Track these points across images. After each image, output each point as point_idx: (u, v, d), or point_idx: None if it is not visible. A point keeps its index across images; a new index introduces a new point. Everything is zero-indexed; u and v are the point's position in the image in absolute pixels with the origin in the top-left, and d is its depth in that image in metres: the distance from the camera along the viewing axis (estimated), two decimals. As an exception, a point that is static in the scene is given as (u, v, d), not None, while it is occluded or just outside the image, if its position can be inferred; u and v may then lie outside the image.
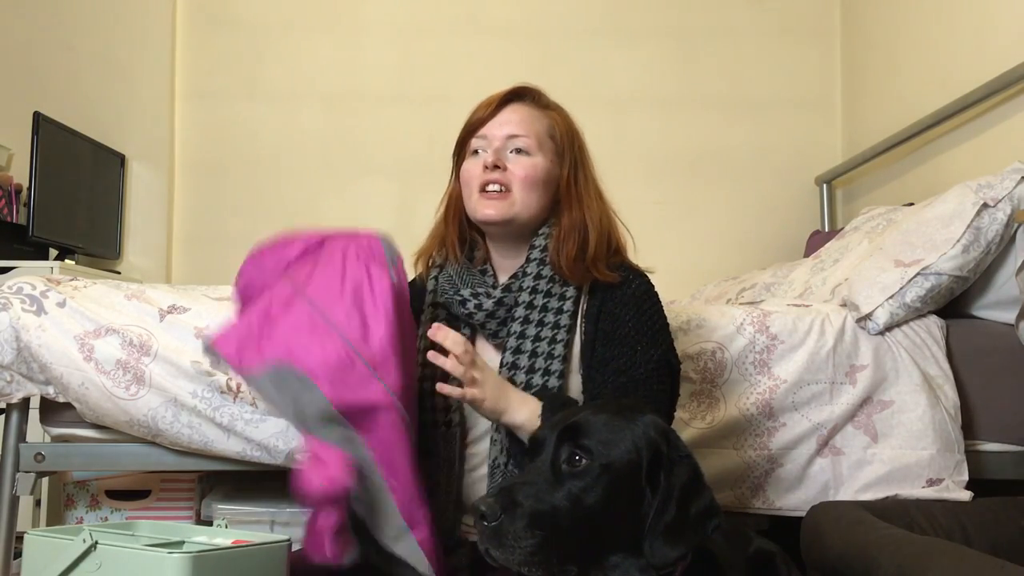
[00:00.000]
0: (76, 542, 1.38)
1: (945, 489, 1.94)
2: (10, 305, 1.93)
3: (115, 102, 3.77)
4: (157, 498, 2.48)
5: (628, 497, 1.21)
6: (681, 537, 1.19)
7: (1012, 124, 2.58)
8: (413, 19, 3.91)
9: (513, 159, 1.64)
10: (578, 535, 1.18)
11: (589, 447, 1.21)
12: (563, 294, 1.61)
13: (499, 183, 1.63)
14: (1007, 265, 2.12)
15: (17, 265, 3.08)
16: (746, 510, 1.99)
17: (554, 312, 1.59)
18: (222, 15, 3.90)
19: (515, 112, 1.67)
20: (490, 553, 1.18)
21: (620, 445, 1.21)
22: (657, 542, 1.18)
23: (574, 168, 1.68)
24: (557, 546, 1.16)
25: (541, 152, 1.65)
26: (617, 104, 3.82)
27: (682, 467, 1.24)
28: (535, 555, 1.15)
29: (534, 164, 1.64)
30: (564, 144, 1.68)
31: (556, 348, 1.56)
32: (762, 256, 3.66)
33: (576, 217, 1.64)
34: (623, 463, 1.21)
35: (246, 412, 1.92)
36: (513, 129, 1.65)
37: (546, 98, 1.73)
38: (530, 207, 1.64)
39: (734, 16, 3.90)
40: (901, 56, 3.29)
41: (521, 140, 1.65)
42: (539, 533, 1.15)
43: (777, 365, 2.01)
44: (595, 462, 1.20)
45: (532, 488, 1.18)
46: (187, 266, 3.83)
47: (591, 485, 1.19)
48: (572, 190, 1.66)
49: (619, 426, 1.24)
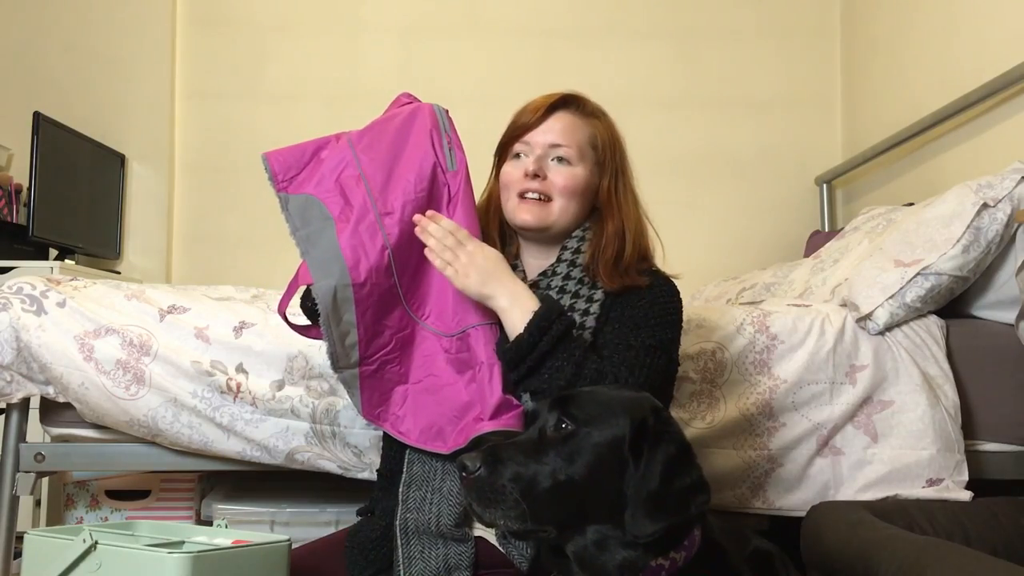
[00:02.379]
0: (76, 542, 1.38)
1: (945, 489, 1.94)
2: (10, 305, 1.93)
3: (115, 102, 3.77)
4: (157, 498, 2.48)
5: (610, 466, 1.24)
6: (662, 510, 1.21)
7: (1012, 124, 2.58)
8: (413, 19, 3.91)
9: (554, 168, 1.65)
10: (558, 498, 1.22)
11: (574, 414, 1.26)
12: (591, 296, 1.61)
13: (539, 191, 1.65)
14: (1007, 265, 2.12)
15: (17, 265, 3.08)
16: (746, 510, 1.99)
17: (580, 313, 1.59)
18: (222, 15, 3.90)
19: (559, 120, 1.68)
20: (474, 508, 1.24)
21: (606, 415, 1.26)
22: (639, 512, 1.21)
23: (615, 177, 1.69)
24: (537, 506, 1.21)
25: (583, 162, 1.66)
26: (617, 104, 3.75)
27: (669, 442, 1.26)
28: (513, 511, 1.21)
29: (574, 174, 1.65)
30: (606, 154, 1.69)
31: None
32: (762, 256, 3.66)
33: (617, 226, 1.65)
34: (606, 432, 1.25)
35: (246, 412, 1.92)
36: (556, 138, 1.66)
37: (591, 105, 1.73)
38: (567, 216, 1.66)
39: (734, 16, 3.91)
40: (901, 56, 3.29)
41: (563, 150, 1.65)
42: (519, 491, 1.21)
43: (777, 365, 2.01)
44: (579, 428, 1.25)
45: (517, 449, 1.25)
46: (187, 266, 3.83)
47: (574, 451, 1.24)
48: (613, 199, 1.68)
49: (608, 399, 1.29)
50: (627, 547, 1.22)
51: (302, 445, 1.93)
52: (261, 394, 1.92)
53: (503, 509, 1.21)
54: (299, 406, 1.93)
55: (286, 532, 1.91)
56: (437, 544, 1.50)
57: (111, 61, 3.78)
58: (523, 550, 1.47)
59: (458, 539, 1.51)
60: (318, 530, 2.08)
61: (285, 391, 1.93)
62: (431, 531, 1.50)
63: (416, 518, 1.51)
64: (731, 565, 1.36)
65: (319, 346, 1.95)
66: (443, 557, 1.49)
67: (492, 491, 1.21)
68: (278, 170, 1.57)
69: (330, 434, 1.93)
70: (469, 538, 1.52)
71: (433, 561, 1.49)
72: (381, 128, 1.65)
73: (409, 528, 1.51)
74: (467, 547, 1.51)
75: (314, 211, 1.54)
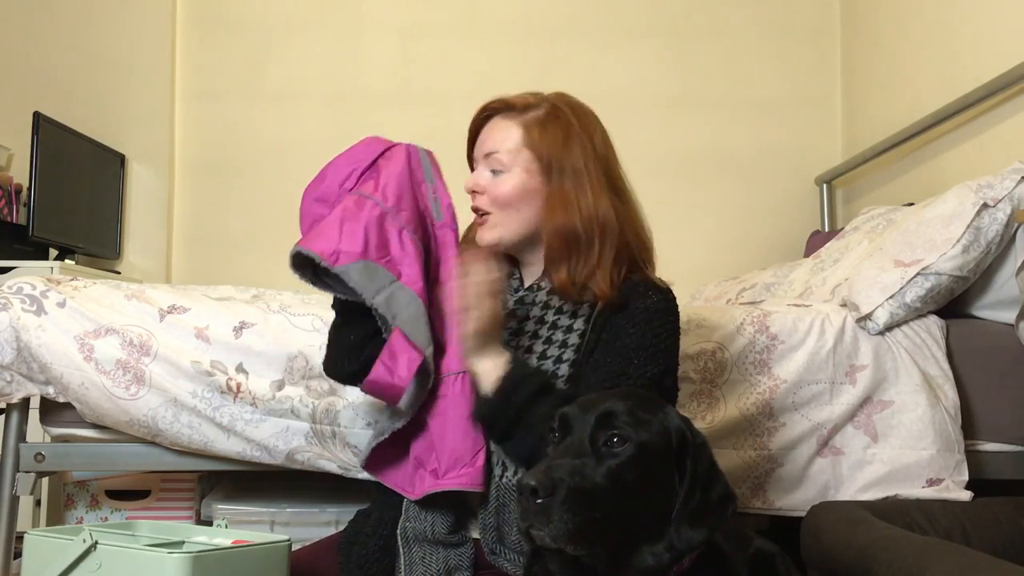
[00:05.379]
0: (76, 542, 1.38)
1: (945, 489, 1.94)
2: (10, 305, 1.93)
3: (115, 102, 3.77)
4: (157, 498, 2.48)
5: (661, 479, 1.24)
6: (704, 521, 1.23)
7: (1012, 124, 2.58)
8: (413, 19, 3.91)
9: (489, 179, 1.57)
10: (615, 514, 1.21)
11: (626, 428, 1.24)
12: (575, 311, 1.53)
13: (478, 208, 1.59)
14: (1007, 265, 2.12)
15: (17, 265, 3.08)
16: (746, 510, 1.99)
17: (563, 330, 1.53)
18: (222, 15, 3.90)
19: (489, 130, 1.60)
20: (531, 532, 1.18)
21: (652, 428, 1.25)
22: (684, 526, 1.22)
23: (559, 172, 1.54)
24: (595, 524, 1.19)
25: (517, 165, 1.55)
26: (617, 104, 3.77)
27: (703, 453, 1.27)
28: (578, 532, 1.17)
29: (504, 182, 1.55)
30: (542, 147, 1.55)
31: (561, 368, 1.51)
32: (762, 256, 3.66)
33: (558, 222, 1.52)
34: (657, 445, 1.24)
35: (246, 412, 1.92)
36: (487, 148, 1.58)
37: (521, 102, 1.59)
38: (512, 226, 1.57)
39: (734, 16, 3.91)
40: (901, 56, 3.29)
41: (494, 159, 1.56)
42: (581, 510, 1.18)
43: (777, 365, 2.01)
44: (633, 442, 1.23)
45: (572, 466, 1.21)
46: (187, 266, 3.83)
47: (629, 464, 1.22)
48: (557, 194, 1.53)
49: (649, 410, 1.28)
50: (655, 556, 1.23)
51: (302, 445, 1.93)
52: (261, 394, 1.92)
53: (569, 530, 1.16)
54: (299, 406, 1.92)
55: (286, 532, 1.92)
56: (437, 549, 1.50)
57: (111, 61, 3.78)
58: (515, 560, 1.46)
59: (456, 543, 1.51)
60: (318, 530, 2.08)
61: (285, 391, 1.93)
62: (429, 538, 1.51)
63: (414, 527, 1.52)
64: (731, 566, 1.37)
65: (319, 346, 1.95)
66: (443, 560, 1.50)
67: (557, 513, 1.16)
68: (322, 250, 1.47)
69: (330, 434, 1.93)
70: (467, 540, 1.52)
71: (434, 565, 1.49)
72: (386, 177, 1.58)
73: (409, 535, 1.52)
74: (466, 548, 1.51)
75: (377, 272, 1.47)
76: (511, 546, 1.46)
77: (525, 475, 1.20)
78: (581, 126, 1.58)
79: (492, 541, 1.48)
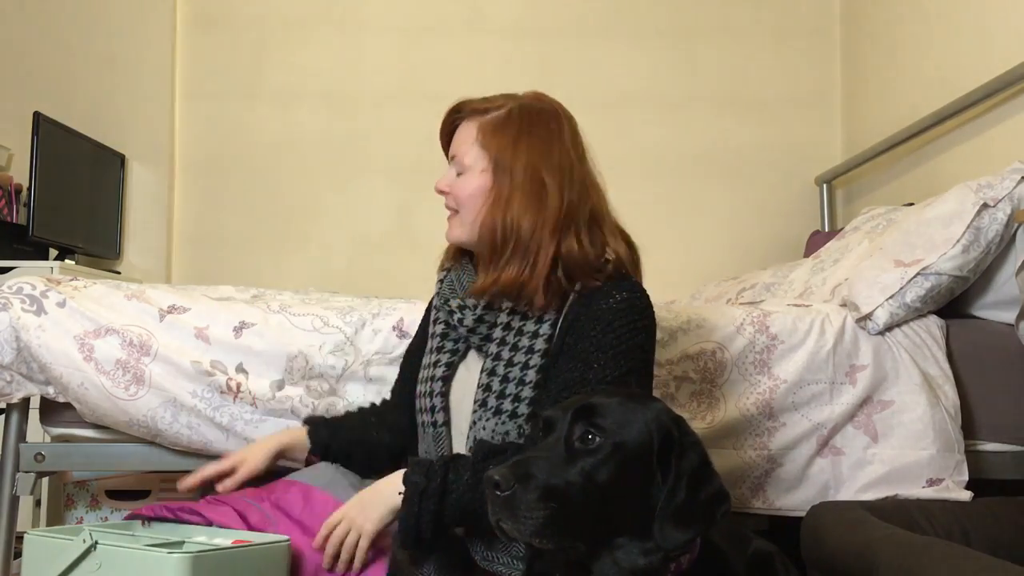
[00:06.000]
0: (76, 542, 1.38)
1: (945, 489, 1.94)
2: (10, 305, 1.93)
3: (115, 102, 3.77)
4: (157, 498, 2.47)
5: (639, 478, 1.22)
6: (691, 521, 1.21)
7: (1012, 124, 2.58)
8: (414, 19, 3.91)
9: (453, 180, 1.63)
10: (588, 511, 1.19)
11: (603, 425, 1.22)
12: (541, 317, 1.53)
13: (449, 208, 1.64)
14: (1007, 265, 2.12)
15: (17, 265, 3.08)
16: (746, 510, 1.99)
17: (529, 336, 1.52)
18: (222, 15, 3.90)
19: (458, 132, 1.65)
20: (501, 525, 1.19)
21: (633, 426, 1.23)
22: (667, 525, 1.20)
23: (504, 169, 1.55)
24: (567, 521, 1.18)
25: (477, 166, 1.59)
26: (617, 104, 3.82)
27: (692, 452, 1.25)
28: (546, 527, 1.16)
29: (465, 182, 1.60)
30: (493, 147, 1.57)
31: (528, 374, 1.50)
32: (762, 256, 3.66)
33: (488, 222, 1.54)
34: (635, 443, 1.22)
35: (246, 412, 1.92)
36: (453, 149, 1.64)
37: (485, 103, 1.62)
38: (472, 226, 1.58)
39: (734, 16, 3.91)
40: (901, 56, 3.29)
41: (456, 160, 1.62)
42: (551, 506, 1.17)
43: (777, 365, 2.01)
44: (608, 440, 1.22)
45: (546, 462, 1.20)
46: (187, 266, 3.83)
47: (603, 462, 1.21)
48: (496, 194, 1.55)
49: (632, 408, 1.26)
50: (647, 555, 1.21)
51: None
52: (261, 394, 1.92)
53: (535, 525, 1.16)
54: (299, 406, 1.92)
55: (286, 532, 1.91)
56: None
57: (111, 61, 3.78)
58: (512, 564, 1.46)
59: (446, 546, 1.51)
60: (318, 530, 2.07)
61: (285, 391, 1.93)
62: None
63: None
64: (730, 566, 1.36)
65: (319, 346, 1.95)
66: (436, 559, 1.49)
67: (524, 507, 1.16)
68: None
69: (330, 434, 1.93)
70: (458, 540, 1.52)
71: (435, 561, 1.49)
72: None
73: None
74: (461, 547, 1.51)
75: None
76: (501, 550, 1.46)
77: (492, 469, 1.21)
78: (534, 129, 1.58)
79: (482, 549, 1.46)
